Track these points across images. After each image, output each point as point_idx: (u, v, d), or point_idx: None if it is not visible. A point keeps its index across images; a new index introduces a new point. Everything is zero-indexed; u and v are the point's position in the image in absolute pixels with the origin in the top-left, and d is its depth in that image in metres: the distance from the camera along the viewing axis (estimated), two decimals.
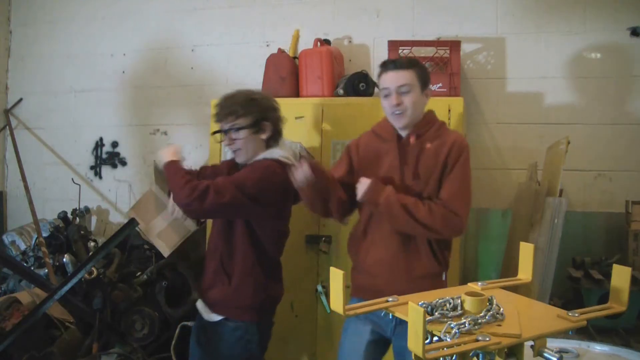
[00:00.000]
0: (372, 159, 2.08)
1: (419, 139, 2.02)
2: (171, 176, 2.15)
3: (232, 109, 2.16)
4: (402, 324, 1.94)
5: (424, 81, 2.04)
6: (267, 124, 2.20)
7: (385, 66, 2.04)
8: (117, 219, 3.94)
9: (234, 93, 2.22)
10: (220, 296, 2.17)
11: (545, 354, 1.10)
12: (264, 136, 2.20)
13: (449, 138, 2.02)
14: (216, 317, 2.17)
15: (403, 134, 2.05)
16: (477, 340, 1.01)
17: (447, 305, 1.16)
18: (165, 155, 2.23)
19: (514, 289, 1.36)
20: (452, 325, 1.05)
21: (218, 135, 2.29)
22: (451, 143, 1.99)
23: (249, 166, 2.18)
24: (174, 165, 2.18)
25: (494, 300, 1.16)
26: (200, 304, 2.26)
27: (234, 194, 2.04)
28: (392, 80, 2.00)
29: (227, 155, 2.59)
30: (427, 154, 2.00)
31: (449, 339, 1.03)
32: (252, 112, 2.16)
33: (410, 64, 2.03)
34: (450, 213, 1.91)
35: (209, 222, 2.75)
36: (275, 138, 2.24)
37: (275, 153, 2.19)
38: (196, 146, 3.68)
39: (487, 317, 1.10)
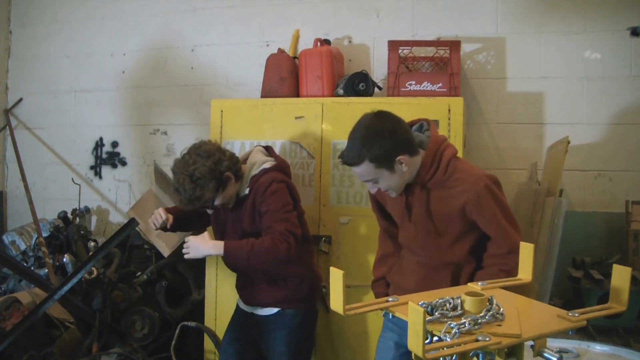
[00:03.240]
0: (389, 200, 2.03)
1: (424, 188, 1.89)
2: (244, 253, 2.14)
3: (191, 197, 2.14)
4: None
5: (387, 159, 1.78)
6: (227, 174, 2.20)
7: (342, 162, 1.89)
8: (117, 219, 3.94)
9: (177, 179, 2.16)
10: (277, 296, 2.30)
11: (545, 354, 1.10)
12: (232, 181, 2.23)
13: (462, 185, 1.84)
14: (273, 310, 2.32)
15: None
16: (477, 340, 1.01)
17: (447, 305, 1.16)
18: (205, 247, 2.19)
19: (514, 289, 1.36)
20: (452, 325, 1.05)
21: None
22: (464, 194, 1.83)
23: (264, 198, 2.20)
24: (230, 245, 2.17)
25: (494, 300, 1.16)
26: (245, 306, 2.41)
27: (291, 219, 2.20)
28: (356, 175, 1.90)
29: None
30: (439, 203, 1.88)
31: (449, 339, 1.03)
32: (207, 184, 2.15)
33: (359, 157, 1.78)
34: (508, 257, 1.81)
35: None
36: (237, 170, 2.26)
37: (256, 168, 2.29)
38: None
39: (487, 317, 1.10)
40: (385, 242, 2.21)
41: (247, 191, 2.26)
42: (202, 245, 2.18)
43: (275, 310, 2.33)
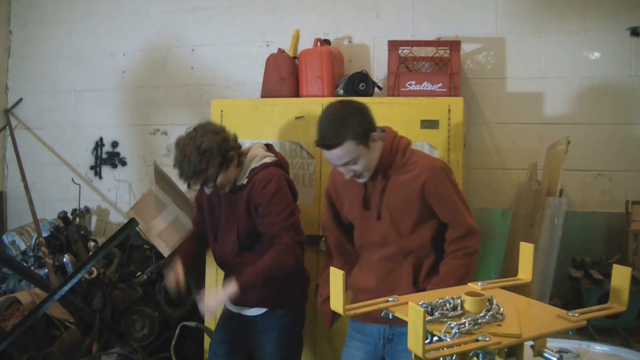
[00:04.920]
0: (343, 197, 2.08)
1: (385, 175, 1.95)
2: (259, 283, 2.16)
3: (195, 170, 2.13)
4: (390, 343, 1.99)
5: (364, 135, 1.86)
6: (232, 153, 2.22)
7: (320, 146, 1.91)
8: (117, 219, 3.94)
9: (183, 151, 2.15)
10: (265, 296, 2.26)
11: (545, 354, 1.10)
12: (235, 164, 2.24)
13: (420, 167, 1.93)
14: (262, 310, 2.29)
15: None
16: (477, 340, 1.01)
17: (447, 305, 1.16)
18: (220, 298, 2.20)
19: (514, 289, 1.36)
20: (452, 325, 1.05)
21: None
22: (422, 174, 1.91)
23: (264, 197, 2.19)
24: (243, 283, 2.14)
25: (494, 300, 1.16)
26: (232, 306, 2.36)
27: (297, 225, 2.23)
28: (333, 159, 1.90)
29: None
30: (397, 188, 1.94)
31: (449, 339, 1.03)
32: (214, 158, 2.16)
33: (340, 135, 1.83)
34: (468, 239, 1.91)
35: None
36: (239, 154, 2.28)
37: (257, 160, 2.29)
38: None
39: (487, 317, 1.10)
40: (334, 257, 2.17)
41: (245, 181, 2.25)
42: (217, 299, 2.21)
43: (263, 310, 2.30)
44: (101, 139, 3.97)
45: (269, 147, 2.43)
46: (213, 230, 2.36)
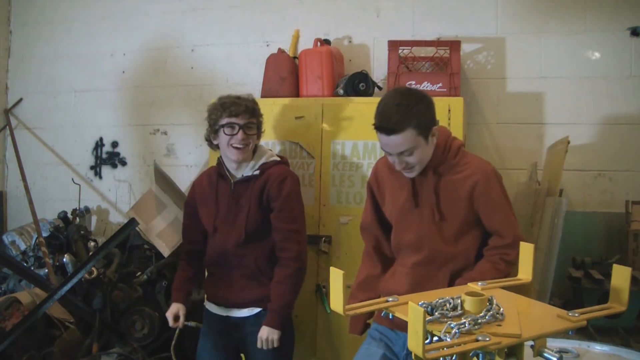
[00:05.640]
0: (385, 192, 2.00)
1: (436, 172, 1.87)
2: (292, 301, 2.27)
3: (250, 107, 2.24)
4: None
5: (426, 127, 1.78)
6: (263, 129, 2.34)
7: (379, 129, 1.79)
8: (117, 219, 3.94)
9: (238, 95, 2.28)
10: (259, 295, 2.27)
11: (545, 354, 1.10)
12: (258, 141, 2.33)
13: (472, 168, 1.85)
14: (254, 311, 2.28)
15: None
16: (477, 340, 1.01)
17: (447, 305, 1.16)
18: (276, 330, 2.20)
19: (514, 289, 1.36)
20: (452, 325, 1.05)
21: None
22: (474, 176, 1.83)
23: (281, 192, 2.24)
24: (282, 311, 2.22)
25: (494, 300, 1.16)
26: (219, 309, 2.36)
27: (304, 236, 2.32)
28: (390, 146, 1.79)
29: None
30: (447, 189, 1.85)
31: (449, 339, 1.03)
32: (260, 115, 2.31)
33: (404, 122, 1.73)
34: (510, 249, 1.78)
35: None
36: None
37: (268, 156, 2.34)
38: (196, 146, 3.68)
39: (487, 317, 1.10)
40: (372, 261, 2.07)
41: (256, 173, 2.27)
42: (274, 331, 2.20)
43: (256, 310, 2.27)
44: (101, 139, 3.97)
45: None
46: (212, 224, 2.33)
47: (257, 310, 2.27)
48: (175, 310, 2.36)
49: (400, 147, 1.77)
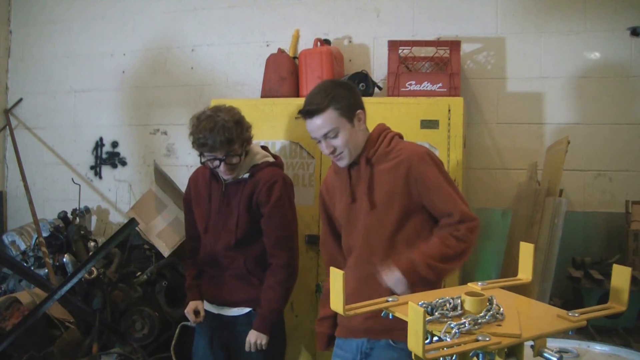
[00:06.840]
0: (335, 197, 1.98)
1: (369, 163, 1.86)
2: (278, 305, 2.27)
3: (225, 139, 2.11)
4: (367, 358, 1.84)
5: (349, 109, 1.82)
6: (250, 135, 2.28)
7: (303, 115, 1.84)
8: (117, 219, 3.94)
9: (217, 119, 2.13)
10: (249, 295, 2.27)
11: (545, 354, 1.10)
12: (247, 149, 2.27)
13: (405, 154, 1.83)
14: (244, 310, 2.29)
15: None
16: (477, 340, 1.01)
17: (447, 305, 1.16)
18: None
19: (514, 289, 1.36)
20: (452, 325, 1.05)
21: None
22: (406, 161, 1.81)
23: (270, 197, 2.22)
24: (274, 316, 2.26)
25: (494, 300, 1.16)
26: (212, 307, 2.36)
27: (295, 244, 2.31)
28: (314, 129, 1.82)
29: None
30: (382, 178, 1.83)
31: (449, 339, 1.03)
32: (243, 133, 2.21)
33: (323, 103, 1.79)
34: (460, 226, 1.75)
35: None
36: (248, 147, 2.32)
37: (259, 157, 2.30)
38: None
39: (487, 317, 1.10)
40: (327, 277, 2.08)
41: (246, 176, 2.25)
42: (262, 335, 2.22)
43: (246, 310, 2.28)
44: (101, 139, 3.97)
45: (264, 148, 2.44)
46: (204, 224, 2.33)
47: (247, 310, 2.28)
48: (193, 306, 2.37)
49: (323, 129, 1.81)
